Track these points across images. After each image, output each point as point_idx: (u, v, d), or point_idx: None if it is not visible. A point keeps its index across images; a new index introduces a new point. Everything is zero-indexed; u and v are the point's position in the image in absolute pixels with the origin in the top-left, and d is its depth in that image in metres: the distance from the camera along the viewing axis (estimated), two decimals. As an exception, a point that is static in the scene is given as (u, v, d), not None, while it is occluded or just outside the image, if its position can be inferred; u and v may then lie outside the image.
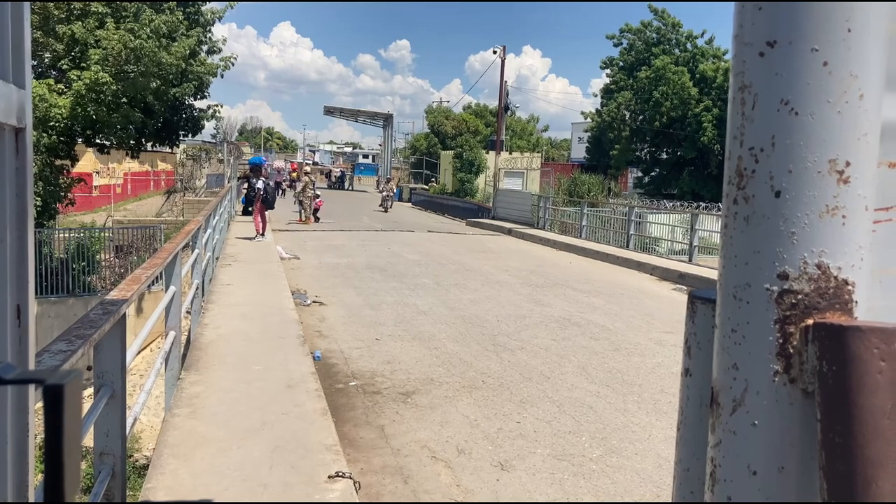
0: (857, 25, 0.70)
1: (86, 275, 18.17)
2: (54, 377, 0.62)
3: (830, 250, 0.72)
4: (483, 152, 41.04)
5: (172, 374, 5.43)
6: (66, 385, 0.62)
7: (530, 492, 4.56)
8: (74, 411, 0.64)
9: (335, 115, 57.36)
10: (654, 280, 13.96)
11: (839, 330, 0.68)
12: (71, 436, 0.62)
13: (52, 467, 0.62)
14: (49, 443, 0.61)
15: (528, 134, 58.56)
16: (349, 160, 76.99)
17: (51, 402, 0.61)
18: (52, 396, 0.61)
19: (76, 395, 0.65)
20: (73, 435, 0.63)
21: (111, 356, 2.90)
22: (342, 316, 9.42)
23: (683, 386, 0.93)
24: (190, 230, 7.26)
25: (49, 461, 0.61)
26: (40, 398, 0.64)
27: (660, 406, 6.23)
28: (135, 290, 3.34)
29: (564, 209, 24.17)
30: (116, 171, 38.88)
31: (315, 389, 5.48)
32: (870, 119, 0.72)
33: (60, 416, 0.61)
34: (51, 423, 0.61)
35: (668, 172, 41.04)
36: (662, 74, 38.36)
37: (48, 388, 0.61)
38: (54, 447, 0.61)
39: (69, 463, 0.62)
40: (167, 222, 26.58)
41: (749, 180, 0.75)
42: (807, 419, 0.72)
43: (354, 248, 16.91)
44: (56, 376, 0.62)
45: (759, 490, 0.74)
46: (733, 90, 0.77)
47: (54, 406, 0.61)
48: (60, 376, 0.63)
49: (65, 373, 0.65)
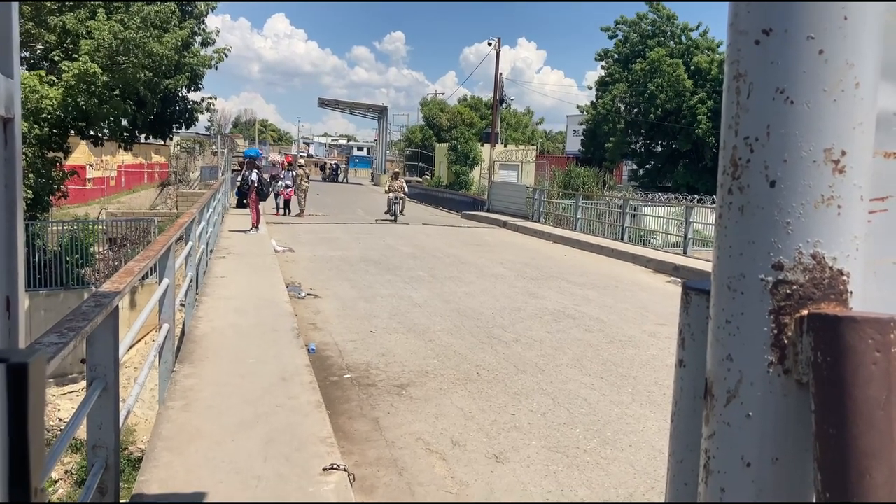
0: (854, 14, 0.70)
1: (79, 267, 18.11)
2: (18, 356, 0.59)
3: (825, 240, 0.71)
4: (478, 145, 40.99)
5: (166, 366, 5.41)
6: (31, 364, 0.59)
7: (525, 483, 4.56)
8: (39, 393, 0.61)
9: (330, 108, 57.18)
10: (648, 272, 13.98)
11: (834, 320, 0.68)
12: (36, 420, 0.60)
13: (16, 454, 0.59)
14: (12, 427, 0.58)
15: (524, 126, 58.51)
16: (344, 153, 76.72)
17: (14, 382, 0.58)
18: (15, 376, 0.58)
19: (41, 375, 0.62)
20: (38, 419, 0.61)
21: (104, 349, 2.89)
22: (337, 308, 9.41)
23: (677, 377, 0.93)
24: (183, 222, 7.23)
25: (13, 447, 0.58)
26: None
27: (654, 398, 6.24)
28: (128, 283, 3.32)
29: (559, 202, 24.17)
30: (110, 163, 38.72)
31: (309, 382, 5.48)
32: (866, 108, 0.72)
33: (25, 397, 0.58)
34: (14, 405, 0.58)
35: (662, 165, 41.08)
36: (657, 67, 38.34)
37: (11, 366, 0.58)
38: (19, 432, 0.59)
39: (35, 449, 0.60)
40: (161, 215, 26.50)
41: (744, 170, 0.74)
42: (801, 411, 0.72)
43: (349, 240, 16.88)
44: (20, 354, 0.60)
45: (753, 482, 0.74)
46: (728, 79, 0.76)
47: (18, 387, 0.58)
48: (24, 354, 0.60)
49: (29, 351, 0.62)
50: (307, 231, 18.41)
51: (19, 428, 0.59)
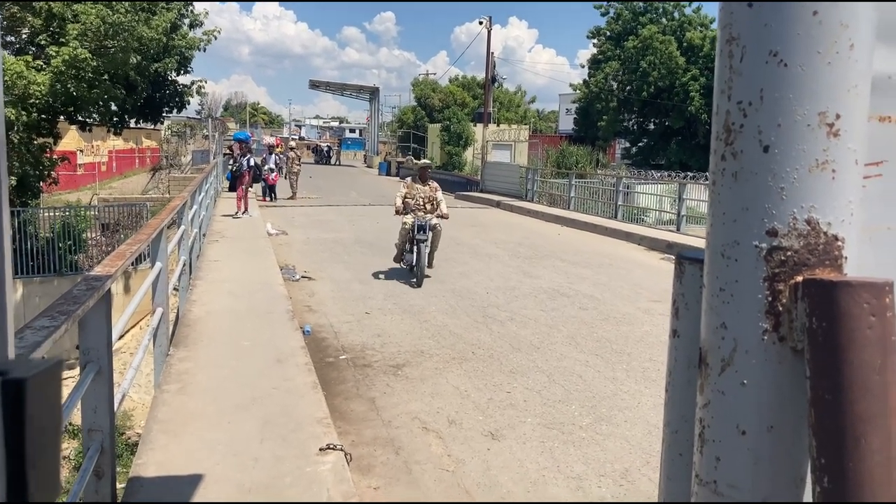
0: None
1: (72, 254, 18.04)
2: (19, 370, 0.55)
3: (820, 205, 0.70)
4: (471, 125, 40.78)
5: (161, 350, 5.40)
6: (30, 379, 0.55)
7: (521, 460, 4.59)
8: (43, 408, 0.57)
9: (321, 90, 56.77)
10: (642, 250, 14.00)
11: (829, 286, 0.67)
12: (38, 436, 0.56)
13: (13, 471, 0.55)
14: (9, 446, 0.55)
15: (516, 106, 58.22)
16: (336, 135, 76.25)
17: (11, 398, 0.54)
18: (12, 392, 0.54)
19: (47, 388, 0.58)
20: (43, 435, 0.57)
21: (96, 332, 2.87)
22: (331, 290, 9.41)
23: (671, 347, 0.92)
24: (175, 206, 7.19)
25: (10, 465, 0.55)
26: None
27: (649, 374, 6.27)
28: (119, 266, 3.30)
29: (552, 181, 24.14)
30: (101, 148, 38.50)
31: (305, 363, 5.48)
32: (860, 70, 0.70)
33: (21, 415, 0.55)
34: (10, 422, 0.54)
35: (655, 143, 40.99)
36: (650, 44, 38.13)
37: (6, 383, 0.54)
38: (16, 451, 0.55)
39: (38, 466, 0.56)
40: (153, 200, 26.39)
41: (737, 135, 0.73)
42: (796, 378, 0.71)
43: (343, 223, 16.84)
44: (20, 368, 0.55)
45: (749, 450, 0.73)
46: (720, 43, 0.75)
47: (14, 403, 0.54)
48: (26, 368, 0.56)
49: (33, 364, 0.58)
50: (300, 214, 18.35)
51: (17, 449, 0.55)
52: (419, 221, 9.90)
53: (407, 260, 10.11)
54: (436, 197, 10.37)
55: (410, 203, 10.24)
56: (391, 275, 10.47)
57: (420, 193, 10.33)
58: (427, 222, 9.97)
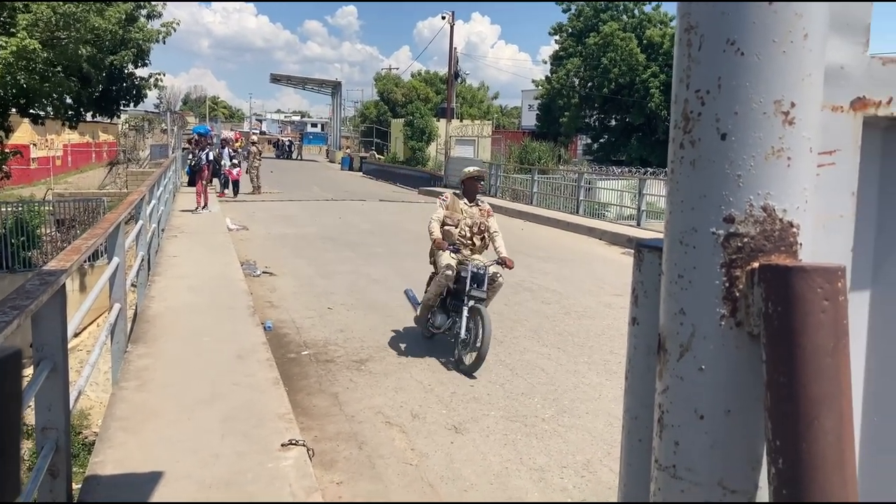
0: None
1: (26, 250, 17.57)
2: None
3: (776, 192, 0.71)
4: (434, 120, 40.73)
5: (119, 347, 5.30)
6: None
7: (484, 453, 4.61)
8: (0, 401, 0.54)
9: (282, 83, 56.19)
10: (603, 245, 14.15)
11: (784, 271, 0.68)
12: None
13: None
14: None
15: (479, 102, 58.36)
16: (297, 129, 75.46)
17: None
18: None
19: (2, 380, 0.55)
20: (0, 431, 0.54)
21: (51, 328, 2.80)
22: (293, 286, 9.33)
23: (631, 335, 0.93)
24: (133, 200, 7.06)
25: None
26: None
27: (610, 367, 6.35)
28: (75, 260, 3.23)
29: (516, 176, 24.24)
30: (55, 142, 37.54)
31: (266, 359, 5.43)
32: (814, 60, 0.72)
33: None
34: None
35: (616, 139, 41.41)
36: (610, 41, 38.49)
37: None
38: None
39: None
40: (110, 194, 25.81)
41: (695, 123, 0.74)
42: (753, 362, 0.72)
43: (305, 218, 16.70)
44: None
45: (707, 433, 0.74)
46: (679, 32, 0.76)
47: None
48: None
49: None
50: (262, 209, 18.15)
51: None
52: (474, 268, 6.40)
53: (440, 323, 6.64)
54: (488, 226, 6.79)
55: (453, 232, 6.68)
56: (355, 270, 10.39)
57: (466, 218, 6.76)
58: (485, 270, 6.45)
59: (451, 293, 6.53)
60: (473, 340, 6.18)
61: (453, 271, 6.42)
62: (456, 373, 6.10)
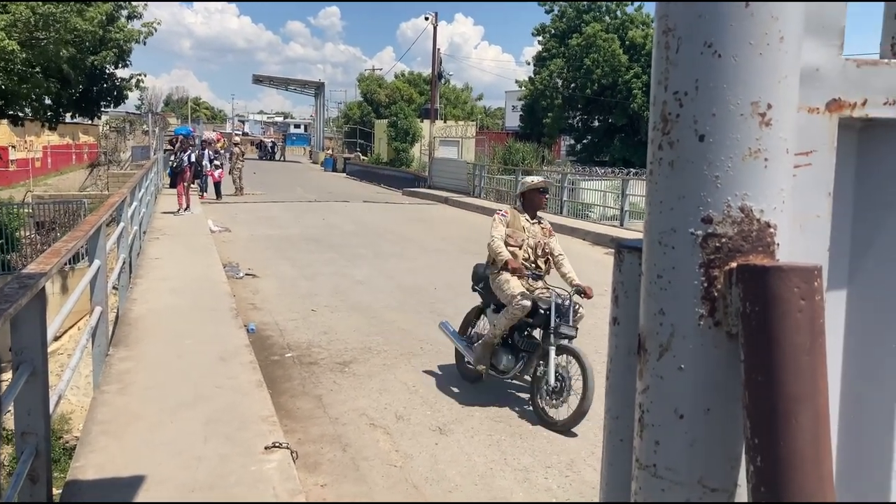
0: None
1: (4, 253, 17.35)
2: None
3: (753, 193, 0.72)
4: (417, 121, 40.70)
5: (100, 350, 5.25)
6: None
7: (469, 454, 4.61)
8: None
9: (265, 84, 55.94)
10: (587, 245, 14.22)
11: (762, 271, 0.69)
12: None
13: None
14: None
15: (463, 102, 58.43)
16: (280, 130, 75.21)
17: None
18: None
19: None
20: None
21: (30, 332, 2.77)
22: (276, 288, 9.29)
23: (612, 335, 0.94)
24: (114, 203, 6.99)
25: None
26: None
27: (594, 366, 6.36)
28: (55, 263, 3.19)
29: (500, 177, 24.28)
30: (35, 144, 37.11)
31: (249, 361, 5.40)
32: (790, 61, 0.72)
33: None
34: None
35: (599, 140, 41.62)
36: (593, 42, 38.67)
37: None
38: None
39: None
40: (91, 196, 25.51)
41: (673, 125, 0.74)
42: (731, 361, 0.73)
43: (288, 219, 16.64)
44: None
45: (686, 433, 0.75)
46: (657, 34, 0.76)
47: None
48: None
49: None
50: (244, 210, 18.06)
51: None
52: (557, 299, 5.42)
53: (506, 365, 5.53)
54: (552, 248, 5.90)
55: (518, 255, 5.67)
56: (338, 272, 10.36)
57: (529, 237, 5.79)
58: (571, 300, 5.50)
59: (515, 328, 5.52)
60: (568, 389, 5.18)
61: (528, 304, 5.33)
62: (441, 374, 6.09)
